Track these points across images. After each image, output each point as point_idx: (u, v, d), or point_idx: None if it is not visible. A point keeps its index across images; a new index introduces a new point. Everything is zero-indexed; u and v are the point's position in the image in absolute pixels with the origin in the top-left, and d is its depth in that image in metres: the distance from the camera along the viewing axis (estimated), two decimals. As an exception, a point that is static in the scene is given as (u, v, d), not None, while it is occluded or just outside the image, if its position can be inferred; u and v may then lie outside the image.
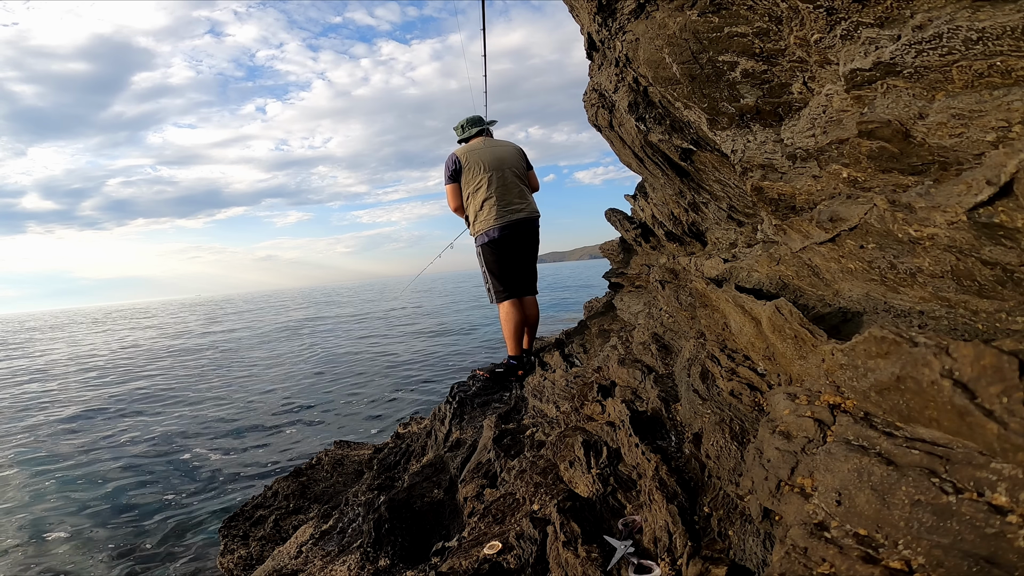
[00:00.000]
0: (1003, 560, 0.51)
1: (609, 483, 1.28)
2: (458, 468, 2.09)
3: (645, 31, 1.48)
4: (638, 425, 1.37)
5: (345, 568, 1.62)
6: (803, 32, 0.95)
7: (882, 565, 0.60)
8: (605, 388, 1.81)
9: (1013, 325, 0.79)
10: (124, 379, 9.84)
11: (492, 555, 1.22)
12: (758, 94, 1.20)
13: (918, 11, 0.73)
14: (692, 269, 1.98)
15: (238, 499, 3.77)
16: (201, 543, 3.21)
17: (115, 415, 6.85)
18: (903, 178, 0.87)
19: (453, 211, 2.99)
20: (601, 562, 1.06)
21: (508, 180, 2.87)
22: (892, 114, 0.81)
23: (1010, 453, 0.54)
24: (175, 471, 4.57)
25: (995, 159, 0.69)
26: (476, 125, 3.07)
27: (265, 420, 6.08)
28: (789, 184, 1.18)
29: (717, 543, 0.94)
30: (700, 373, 1.38)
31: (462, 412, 2.62)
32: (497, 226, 2.81)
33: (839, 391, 0.82)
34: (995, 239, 0.74)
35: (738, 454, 1.06)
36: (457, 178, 2.88)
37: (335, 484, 2.96)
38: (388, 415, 5.94)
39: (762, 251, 1.52)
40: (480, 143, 2.94)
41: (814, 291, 1.27)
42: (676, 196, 2.37)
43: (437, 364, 8.77)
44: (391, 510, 1.81)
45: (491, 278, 2.90)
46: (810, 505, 0.74)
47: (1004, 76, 0.65)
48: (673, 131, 1.81)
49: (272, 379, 8.70)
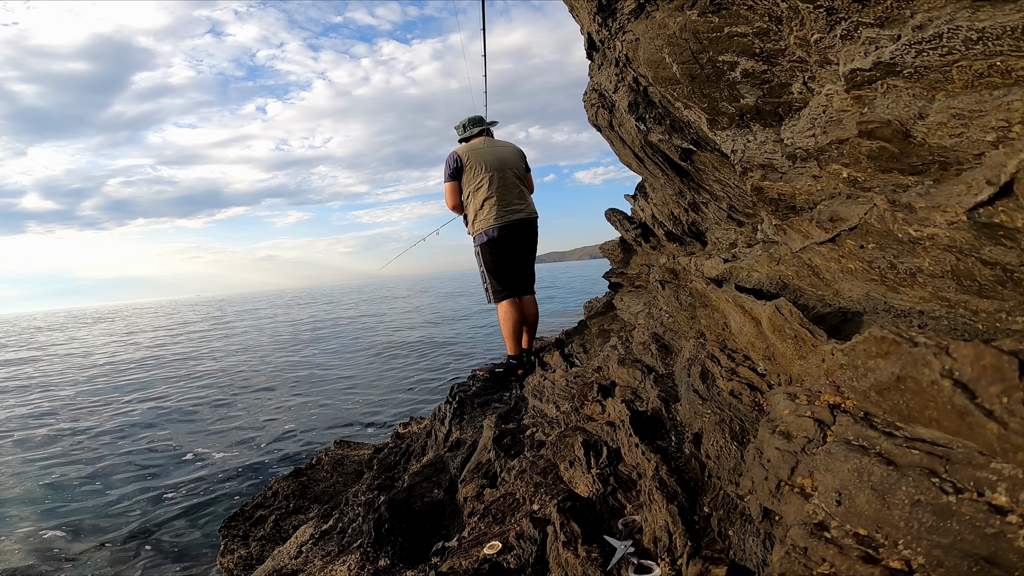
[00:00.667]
0: (1003, 560, 0.51)
1: (609, 483, 1.28)
2: (458, 468, 2.09)
3: (645, 31, 1.48)
4: (638, 425, 1.37)
5: (345, 568, 1.62)
6: (803, 32, 0.95)
7: (882, 565, 0.60)
8: (605, 388, 1.81)
9: (1013, 325, 0.79)
10: (130, 381, 9.84)
11: (492, 555, 1.22)
12: (758, 94, 1.20)
13: (918, 11, 0.73)
14: (692, 269, 1.98)
15: (238, 499, 3.77)
16: (201, 543, 3.21)
17: (114, 414, 6.86)
18: (903, 178, 0.87)
19: (451, 209, 2.99)
20: (601, 562, 1.06)
21: (508, 180, 2.88)
22: (892, 114, 0.81)
23: (1010, 453, 0.54)
24: (175, 471, 4.57)
25: (995, 159, 0.69)
26: (477, 125, 3.08)
27: (265, 420, 6.08)
28: (789, 184, 1.18)
29: (717, 543, 0.94)
30: (700, 373, 1.38)
31: (462, 412, 2.62)
32: (497, 226, 2.82)
33: (839, 391, 0.82)
34: (995, 239, 0.74)
35: (738, 454, 1.06)
36: (457, 176, 2.88)
37: (335, 484, 2.97)
38: (388, 415, 5.94)
39: (762, 251, 1.52)
40: (481, 143, 2.95)
41: (814, 291, 1.27)
42: (676, 196, 2.37)
43: (437, 364, 8.77)
44: (391, 510, 1.81)
45: (489, 277, 2.90)
46: (810, 505, 0.74)
47: (1004, 76, 0.65)
48: (673, 131, 1.81)
49: (273, 379, 8.70)
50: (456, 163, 2.86)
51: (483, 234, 2.86)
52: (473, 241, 2.96)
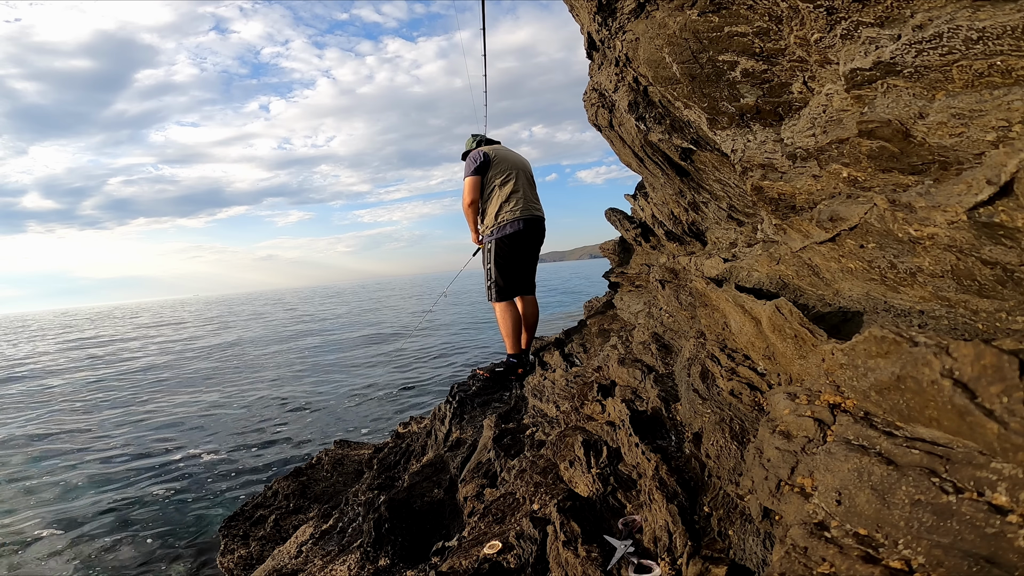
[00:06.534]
0: (1003, 560, 0.51)
1: (609, 483, 1.28)
2: (458, 468, 2.09)
3: (645, 31, 1.48)
4: (638, 425, 1.37)
5: (345, 568, 1.62)
6: (803, 32, 0.95)
7: (882, 565, 0.60)
8: (605, 388, 1.81)
9: (1013, 325, 0.79)
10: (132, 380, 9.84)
11: (492, 555, 1.22)
12: (758, 94, 1.20)
13: (918, 11, 0.72)
14: (692, 269, 1.98)
15: (238, 499, 3.77)
16: (201, 543, 3.21)
17: (117, 415, 6.86)
18: (903, 178, 0.87)
19: (467, 206, 3.00)
20: (601, 562, 1.06)
21: (527, 182, 3.04)
22: (892, 114, 0.81)
23: (1010, 453, 0.54)
24: (175, 470, 4.57)
25: (995, 159, 0.69)
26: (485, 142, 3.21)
27: (265, 420, 6.08)
28: (789, 184, 1.18)
29: (717, 543, 0.94)
30: (700, 373, 1.38)
31: (462, 412, 2.62)
32: (522, 218, 2.91)
33: (839, 391, 0.82)
34: (995, 239, 0.74)
35: (738, 454, 1.06)
36: (481, 172, 2.93)
37: (335, 484, 2.97)
38: (388, 415, 5.94)
39: (762, 251, 1.52)
40: (500, 146, 3.09)
41: (814, 291, 1.27)
42: (676, 196, 2.37)
43: (437, 364, 8.77)
44: (391, 510, 1.81)
45: (496, 274, 2.92)
46: (810, 505, 0.74)
47: (1004, 76, 0.65)
48: (673, 131, 1.81)
49: (272, 378, 8.71)
50: (483, 158, 2.92)
51: (508, 225, 2.90)
52: (489, 235, 2.97)
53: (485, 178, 2.94)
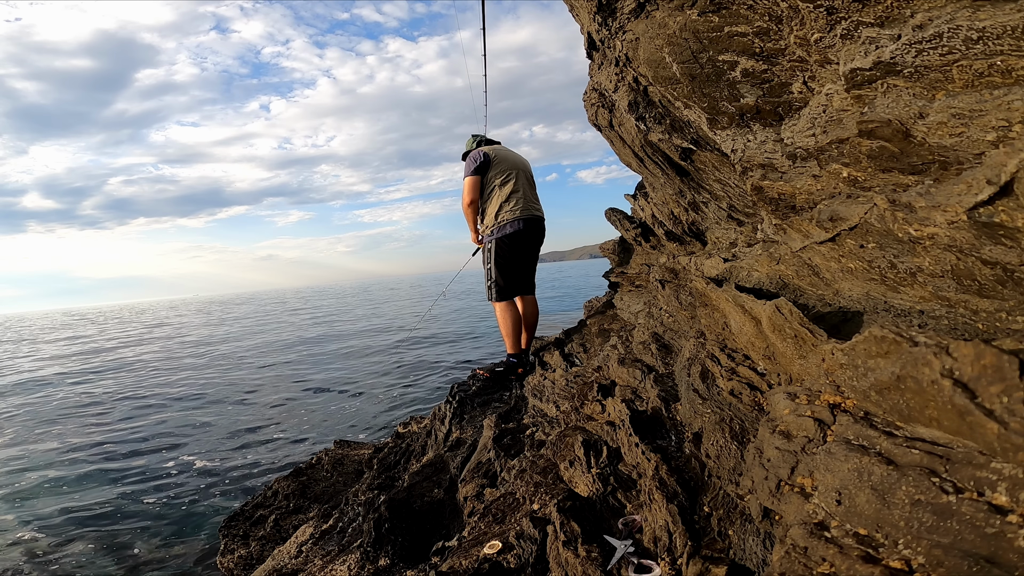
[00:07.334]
0: (1003, 560, 0.51)
1: (609, 483, 1.28)
2: (458, 468, 2.09)
3: (645, 30, 1.48)
4: (638, 425, 1.37)
5: (345, 568, 1.62)
6: (803, 31, 0.95)
7: (882, 565, 0.60)
8: (605, 387, 1.81)
9: (1013, 324, 0.79)
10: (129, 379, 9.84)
11: (492, 555, 1.22)
12: (758, 93, 1.20)
13: (918, 11, 0.72)
14: (692, 268, 1.98)
15: (238, 499, 3.77)
16: (201, 543, 3.21)
17: (118, 415, 6.86)
18: (903, 177, 0.87)
19: (467, 205, 3.00)
20: (601, 562, 1.06)
21: (527, 182, 3.05)
22: (892, 114, 0.81)
23: (1010, 453, 0.54)
24: (175, 470, 4.57)
25: (995, 158, 0.69)
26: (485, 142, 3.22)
27: (265, 419, 6.08)
28: (789, 183, 1.18)
29: (717, 543, 0.94)
30: (700, 372, 1.38)
31: (462, 412, 2.62)
32: (523, 218, 2.92)
33: (839, 390, 0.82)
34: (995, 238, 0.74)
35: (738, 454, 1.06)
36: (481, 172, 2.93)
37: (335, 484, 2.97)
38: (388, 415, 5.94)
39: (762, 250, 1.52)
40: (500, 146, 3.09)
41: (814, 290, 1.27)
42: (676, 195, 2.37)
43: (437, 364, 8.77)
44: (391, 510, 1.81)
45: (497, 273, 2.92)
46: (810, 505, 0.74)
47: (1004, 76, 0.65)
48: (673, 130, 1.81)
49: (272, 378, 8.71)
50: (483, 158, 2.93)
51: (507, 225, 2.90)
52: (489, 235, 2.97)
53: (485, 178, 2.94)
